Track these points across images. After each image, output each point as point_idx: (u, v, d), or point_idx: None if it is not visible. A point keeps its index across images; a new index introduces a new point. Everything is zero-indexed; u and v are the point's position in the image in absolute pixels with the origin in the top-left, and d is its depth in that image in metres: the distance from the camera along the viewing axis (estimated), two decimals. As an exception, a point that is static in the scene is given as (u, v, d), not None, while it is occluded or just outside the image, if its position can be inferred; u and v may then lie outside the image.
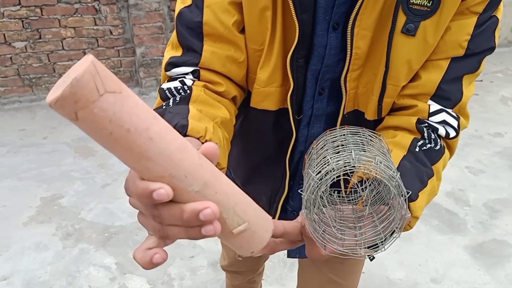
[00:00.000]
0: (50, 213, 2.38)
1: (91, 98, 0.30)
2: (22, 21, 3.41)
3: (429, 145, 0.65)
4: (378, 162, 0.51)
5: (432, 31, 0.62)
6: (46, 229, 2.25)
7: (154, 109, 0.55)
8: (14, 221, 2.30)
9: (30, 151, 2.99)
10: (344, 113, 0.72)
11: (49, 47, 3.54)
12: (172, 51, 0.66)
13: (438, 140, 0.66)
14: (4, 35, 3.43)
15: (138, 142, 0.33)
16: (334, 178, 0.51)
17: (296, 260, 1.10)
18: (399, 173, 0.52)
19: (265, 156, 0.80)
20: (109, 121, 0.31)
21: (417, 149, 0.64)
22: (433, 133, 0.66)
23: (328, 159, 0.53)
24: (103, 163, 2.83)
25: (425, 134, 0.65)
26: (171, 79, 0.65)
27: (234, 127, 0.69)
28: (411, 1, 0.61)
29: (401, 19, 0.62)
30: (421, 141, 0.65)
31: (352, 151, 0.54)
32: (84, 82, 0.29)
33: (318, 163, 0.55)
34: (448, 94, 0.66)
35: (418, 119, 0.66)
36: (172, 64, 0.65)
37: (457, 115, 0.67)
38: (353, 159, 0.51)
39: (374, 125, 0.73)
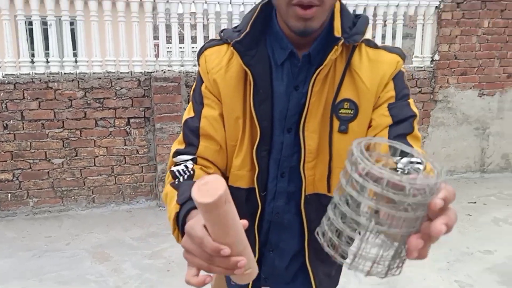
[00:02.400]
0: (65, 310, 2.60)
1: (222, 204, 0.56)
2: (63, 141, 3.98)
3: None
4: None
5: (358, 128, 0.92)
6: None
7: (170, 184, 0.89)
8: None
9: (53, 255, 3.29)
10: (306, 194, 0.97)
11: (83, 164, 4.06)
12: (178, 145, 0.98)
13: None
14: (46, 153, 3.98)
15: (232, 223, 0.59)
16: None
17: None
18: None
19: None
20: (225, 213, 0.57)
21: None
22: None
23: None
24: (116, 267, 3.09)
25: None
26: (176, 164, 0.93)
27: None
28: (339, 111, 0.92)
29: (336, 123, 0.92)
30: None
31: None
32: (224, 196, 0.55)
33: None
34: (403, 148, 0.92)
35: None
36: (178, 152, 0.94)
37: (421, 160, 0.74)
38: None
39: None
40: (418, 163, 0.74)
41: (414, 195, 0.50)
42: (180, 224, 0.78)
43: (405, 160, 0.74)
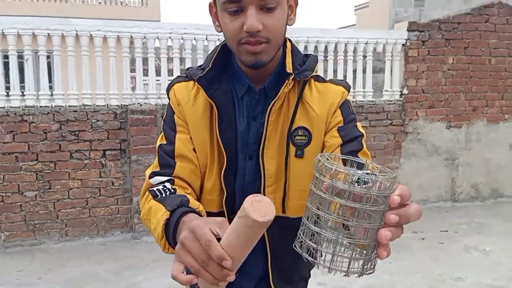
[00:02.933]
0: None
1: (264, 228, 0.59)
2: (37, 173, 3.95)
3: None
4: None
5: (313, 152, 1.00)
6: None
7: (154, 199, 0.92)
8: None
9: (24, 290, 3.22)
10: None
11: (56, 196, 4.01)
12: (153, 169, 1.03)
13: None
14: (19, 186, 3.93)
15: (252, 245, 0.62)
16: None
17: None
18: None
19: None
20: (257, 236, 0.60)
21: None
22: None
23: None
24: (90, 301, 3.04)
25: None
26: (153, 186, 0.96)
27: None
28: (295, 138, 1.01)
29: (292, 149, 1.01)
30: None
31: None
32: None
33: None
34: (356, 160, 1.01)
35: None
36: (154, 173, 0.99)
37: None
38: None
39: (299, 222, 1.05)
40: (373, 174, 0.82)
41: (374, 201, 0.59)
42: (171, 229, 0.82)
43: (360, 172, 0.82)
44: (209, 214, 1.04)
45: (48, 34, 4.03)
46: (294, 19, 1.02)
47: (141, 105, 4.16)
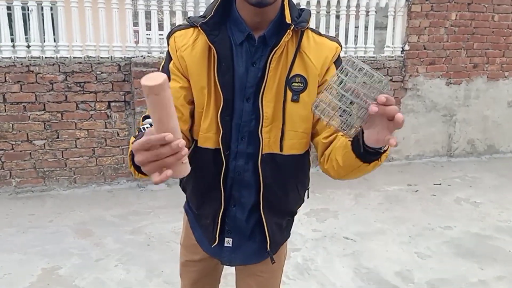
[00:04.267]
0: (49, 280, 2.74)
1: (166, 87, 0.70)
2: (45, 123, 4.09)
3: None
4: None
5: (307, 98, 1.12)
6: (45, 291, 2.60)
7: (134, 136, 1.03)
8: (17, 286, 2.66)
9: (36, 231, 3.42)
10: (262, 154, 1.15)
11: (64, 145, 4.17)
12: (146, 113, 1.13)
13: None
14: (27, 134, 4.07)
15: (173, 110, 0.73)
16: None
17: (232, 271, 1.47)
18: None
19: (208, 183, 1.21)
20: (168, 97, 0.71)
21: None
22: None
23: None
24: (98, 242, 3.24)
25: None
26: (143, 125, 1.10)
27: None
28: (292, 84, 1.11)
29: (289, 94, 1.12)
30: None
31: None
32: (166, 80, 0.70)
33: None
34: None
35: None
36: (145, 117, 1.11)
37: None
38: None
39: (290, 159, 1.18)
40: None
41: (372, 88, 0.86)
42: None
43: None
44: (207, 151, 1.18)
45: (51, -16, 4.04)
46: None
47: (144, 57, 4.23)
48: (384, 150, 0.96)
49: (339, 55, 1.18)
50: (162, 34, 4.90)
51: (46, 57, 4.05)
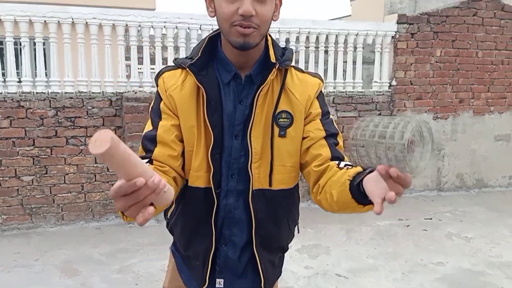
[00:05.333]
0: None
1: (117, 145, 0.66)
2: (33, 158, 4.04)
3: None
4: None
5: (294, 133, 1.16)
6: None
7: None
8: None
9: (22, 270, 3.32)
10: (253, 190, 1.16)
11: (53, 181, 4.12)
12: (138, 154, 1.14)
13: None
14: (16, 170, 4.02)
15: (133, 158, 0.71)
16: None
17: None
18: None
19: (199, 223, 1.20)
20: (124, 150, 0.68)
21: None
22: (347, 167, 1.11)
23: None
24: (85, 282, 3.16)
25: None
26: None
27: (177, 206, 1.19)
28: (279, 120, 1.15)
29: (276, 129, 1.15)
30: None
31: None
32: (114, 138, 0.65)
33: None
34: (338, 154, 1.16)
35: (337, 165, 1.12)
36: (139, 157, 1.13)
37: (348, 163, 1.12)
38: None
39: (280, 194, 1.19)
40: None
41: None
42: None
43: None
44: (197, 190, 1.18)
45: (45, 21, 4.09)
46: (278, 17, 1.17)
47: (136, 92, 4.26)
48: None
49: (321, 90, 1.24)
50: (153, 69, 4.94)
51: (37, 92, 4.05)
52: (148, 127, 1.18)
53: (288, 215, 1.27)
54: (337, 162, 1.13)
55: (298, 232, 1.37)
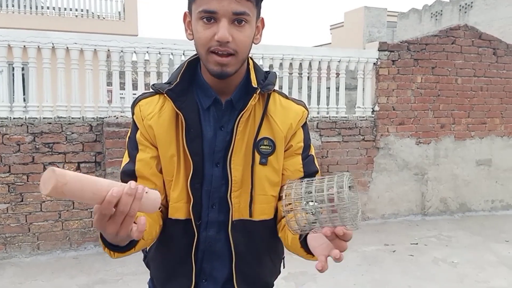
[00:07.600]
0: None
1: (63, 179, 0.66)
2: (9, 186, 3.90)
3: None
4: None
5: (275, 161, 1.11)
6: None
7: None
8: None
9: (-8, 304, 3.15)
10: (233, 220, 1.10)
11: (28, 209, 3.96)
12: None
13: None
14: (-11, 198, 3.86)
15: (88, 179, 0.71)
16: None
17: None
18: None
19: (178, 256, 1.15)
20: (77, 178, 0.68)
21: None
22: None
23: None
24: (61, 315, 3.00)
25: None
26: None
27: (157, 240, 1.13)
28: (260, 147, 1.10)
29: (257, 157, 1.10)
30: None
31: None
32: (59, 175, 0.66)
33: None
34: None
35: None
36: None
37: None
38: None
39: (261, 225, 1.13)
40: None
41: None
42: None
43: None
44: (177, 222, 1.11)
45: (24, 46, 4.02)
46: (260, 39, 1.12)
47: (117, 118, 4.18)
48: None
49: (305, 121, 1.19)
50: (135, 94, 4.89)
51: (14, 118, 3.94)
52: (125, 159, 1.13)
53: (270, 250, 1.20)
54: None
55: (284, 268, 1.30)
